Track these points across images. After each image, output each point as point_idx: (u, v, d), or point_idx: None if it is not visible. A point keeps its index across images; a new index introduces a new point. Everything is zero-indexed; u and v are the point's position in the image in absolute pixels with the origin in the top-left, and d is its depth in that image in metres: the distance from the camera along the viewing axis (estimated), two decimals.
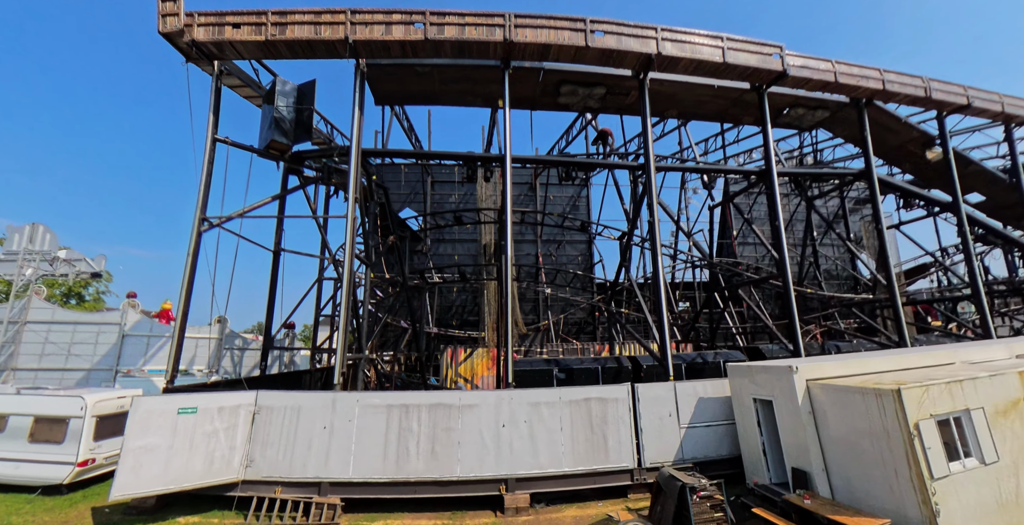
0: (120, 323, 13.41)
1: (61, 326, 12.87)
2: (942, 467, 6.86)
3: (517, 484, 9.75)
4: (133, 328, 13.64)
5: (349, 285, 10.24)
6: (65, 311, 13.78)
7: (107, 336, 13.19)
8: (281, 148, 11.64)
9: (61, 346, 12.56)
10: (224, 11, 10.54)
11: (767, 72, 12.27)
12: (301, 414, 9.75)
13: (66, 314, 13.32)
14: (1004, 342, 11.53)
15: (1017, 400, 7.91)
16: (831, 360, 9.60)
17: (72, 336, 12.90)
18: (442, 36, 10.88)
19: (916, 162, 15.95)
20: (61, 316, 13.18)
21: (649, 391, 10.68)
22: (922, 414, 7.23)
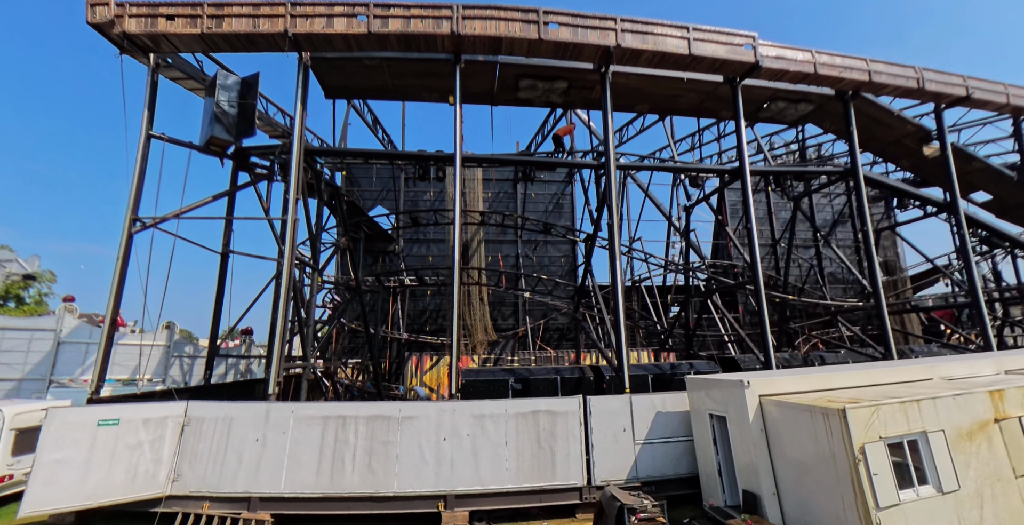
0: (56, 329, 13.75)
1: None
2: (890, 495, 6.84)
3: (457, 501, 9.97)
4: (70, 335, 13.99)
5: (287, 290, 10.52)
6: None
7: (41, 343, 13.53)
8: (222, 144, 11.96)
9: None
10: (158, 2, 10.90)
11: (738, 64, 12.42)
12: (233, 426, 10.02)
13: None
14: (994, 356, 11.58)
15: (986, 422, 7.86)
16: (791, 374, 9.70)
17: (1, 344, 13.26)
18: (386, 29, 11.13)
19: (914, 158, 15.99)
20: None
21: (602, 404, 10.83)
22: (870, 436, 7.27)
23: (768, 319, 12.06)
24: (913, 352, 15.62)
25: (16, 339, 13.25)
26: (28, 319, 14.17)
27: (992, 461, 7.68)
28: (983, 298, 13.70)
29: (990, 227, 16.39)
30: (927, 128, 15.33)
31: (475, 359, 18.17)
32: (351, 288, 15.05)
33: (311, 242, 12.89)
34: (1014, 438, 7.99)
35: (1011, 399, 8.43)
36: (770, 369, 11.69)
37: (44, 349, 13.42)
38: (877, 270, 13.16)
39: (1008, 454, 7.82)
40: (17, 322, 13.57)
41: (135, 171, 10.82)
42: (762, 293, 11.95)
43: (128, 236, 10.63)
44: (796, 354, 15.01)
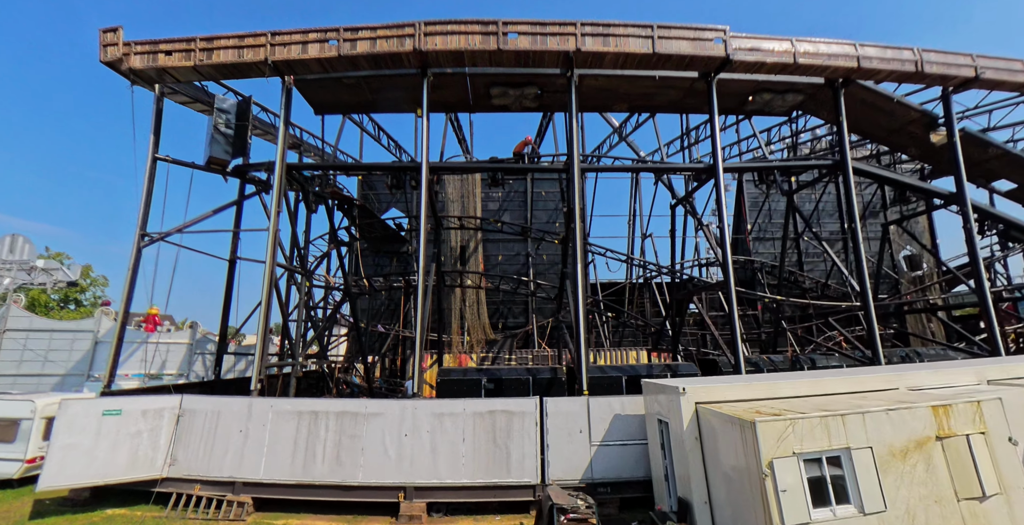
0: (94, 330, 15.42)
1: (38, 334, 15.10)
2: (799, 514, 6.53)
3: (416, 492, 10.42)
4: (106, 335, 15.66)
5: (268, 295, 11.26)
6: (42, 319, 16.12)
7: (82, 343, 15.25)
8: (221, 162, 12.88)
9: (38, 353, 14.74)
10: (158, 40, 11.91)
11: (707, 59, 11.94)
12: (221, 418, 10.92)
13: (43, 322, 15.60)
14: (976, 364, 10.54)
15: (924, 440, 7.27)
16: (735, 381, 9.34)
17: (49, 343, 15.06)
18: (355, 51, 11.62)
19: (922, 147, 14.60)
20: (39, 324, 15.45)
21: (559, 406, 10.89)
22: (782, 451, 6.96)
23: (737, 321, 11.47)
24: (920, 356, 14.33)
25: (61, 339, 15.01)
26: (72, 322, 16.04)
27: (930, 482, 7.11)
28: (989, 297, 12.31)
29: (1007, 220, 14.61)
30: (932, 114, 13.92)
31: (474, 357, 18.55)
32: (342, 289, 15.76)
33: (297, 248, 13.59)
34: (958, 458, 7.33)
35: (959, 415, 7.73)
36: (739, 373, 11.18)
37: (84, 348, 15.11)
38: (865, 270, 12.17)
39: (950, 475, 7.20)
40: (63, 324, 15.37)
41: (143, 191, 11.95)
42: (732, 293, 11.45)
43: (137, 250, 11.78)
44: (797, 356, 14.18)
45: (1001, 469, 7.49)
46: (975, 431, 7.64)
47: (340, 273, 17.25)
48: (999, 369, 10.26)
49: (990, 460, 7.48)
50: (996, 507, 7.27)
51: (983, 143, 14.38)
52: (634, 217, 25.66)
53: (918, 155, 15.52)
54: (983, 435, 7.58)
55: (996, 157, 14.62)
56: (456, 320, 18.85)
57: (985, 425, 7.77)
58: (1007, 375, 10.10)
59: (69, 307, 22.55)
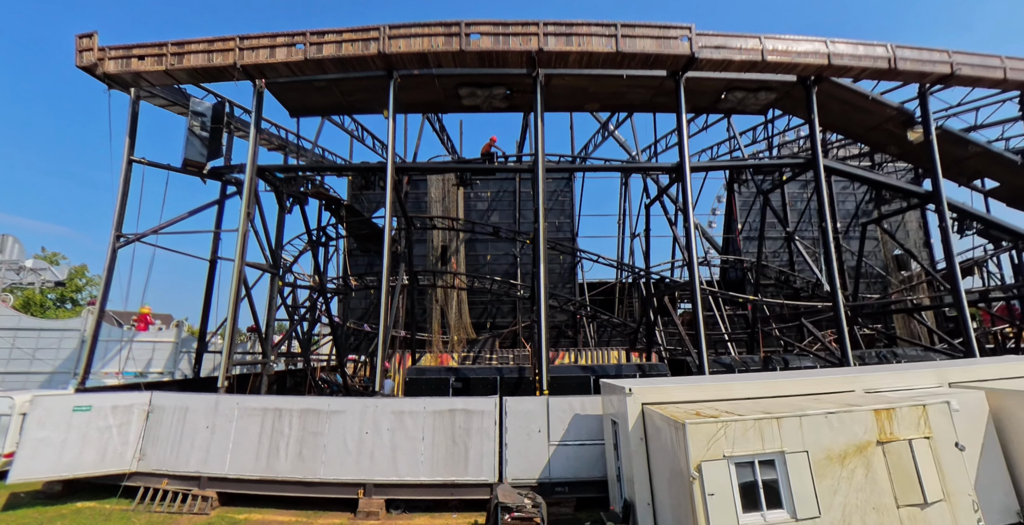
0: (81, 329, 15.64)
1: (26, 332, 15.36)
2: (727, 518, 6.37)
3: (375, 489, 10.40)
4: None
5: (236, 295, 11.31)
6: (30, 318, 16.41)
7: (69, 341, 15.49)
8: (197, 165, 12.92)
9: (26, 351, 15.00)
10: (132, 44, 12.00)
11: (672, 57, 11.70)
12: (188, 414, 11.00)
13: (31, 321, 15.88)
14: (940, 366, 10.18)
15: (864, 445, 7.01)
16: (687, 382, 9.14)
17: (37, 342, 15.32)
18: (321, 55, 11.59)
19: (901, 145, 14.16)
20: (26, 323, 15.73)
21: (519, 405, 10.78)
22: (712, 454, 6.77)
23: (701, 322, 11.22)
24: (897, 357, 13.89)
25: (49, 338, 15.26)
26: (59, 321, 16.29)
27: (869, 487, 6.85)
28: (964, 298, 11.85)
29: (986, 218, 14.05)
30: (909, 111, 13.46)
31: (455, 357, 18.46)
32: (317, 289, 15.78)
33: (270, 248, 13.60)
34: (900, 463, 7.06)
35: (902, 419, 7.44)
36: (702, 374, 10.93)
37: (72, 346, 15.32)
38: (835, 268, 11.82)
39: (891, 480, 6.92)
40: (50, 323, 15.62)
41: (118, 192, 12.03)
42: (697, 293, 11.19)
43: (112, 251, 11.89)
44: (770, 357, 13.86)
45: (946, 475, 7.19)
46: (919, 436, 7.33)
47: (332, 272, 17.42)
48: (962, 371, 9.91)
49: (935, 466, 7.17)
50: (938, 514, 6.97)
51: (962, 141, 13.87)
52: (624, 217, 25.33)
53: (898, 153, 15.05)
54: (928, 440, 7.28)
55: (976, 155, 14.10)
56: (437, 320, 18.78)
57: (931, 430, 7.47)
58: (970, 377, 9.74)
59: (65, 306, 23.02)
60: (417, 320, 22.70)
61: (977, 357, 12.58)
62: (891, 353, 14.40)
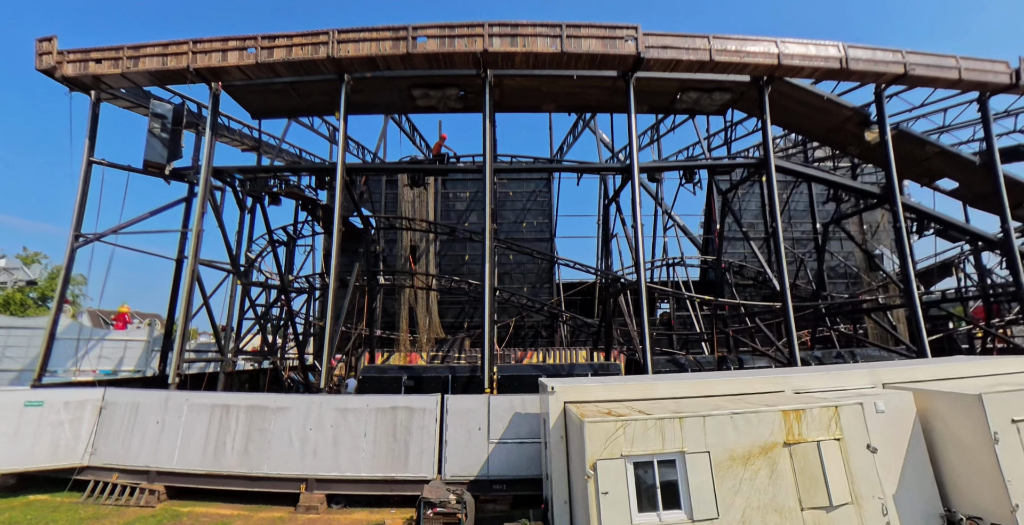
0: None
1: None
2: (621, 517, 6.26)
3: (317, 484, 10.42)
4: (64, 332, 16.00)
5: (189, 293, 11.33)
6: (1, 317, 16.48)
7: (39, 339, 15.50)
8: (158, 166, 12.97)
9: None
10: (90, 48, 12.11)
11: (618, 57, 11.60)
12: (139, 410, 11.07)
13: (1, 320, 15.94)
14: (872, 367, 9.91)
15: (770, 446, 6.83)
16: (612, 381, 8.98)
17: (6, 340, 15.44)
18: (272, 58, 11.61)
19: (861, 145, 13.86)
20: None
21: (460, 403, 10.74)
22: (609, 452, 6.65)
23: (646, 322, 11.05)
24: (855, 356, 13.61)
25: (19, 336, 15.39)
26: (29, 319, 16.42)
27: (772, 489, 6.67)
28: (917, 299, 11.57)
29: (943, 219, 13.71)
30: (865, 112, 13.19)
31: (424, 356, 18.39)
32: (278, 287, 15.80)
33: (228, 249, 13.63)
34: (807, 465, 6.87)
35: (812, 421, 7.25)
36: (645, 373, 10.78)
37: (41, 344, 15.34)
38: (784, 269, 11.58)
39: (796, 482, 6.73)
40: (20, 321, 15.75)
41: (78, 193, 12.10)
42: (643, 293, 11.02)
43: (71, 250, 11.97)
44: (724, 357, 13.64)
45: (855, 478, 6.99)
46: (829, 437, 7.14)
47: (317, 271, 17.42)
48: (897, 372, 9.65)
49: (844, 468, 6.95)
50: (845, 518, 6.78)
51: (920, 141, 13.58)
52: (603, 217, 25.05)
53: (859, 154, 14.79)
54: (838, 441, 7.07)
55: (935, 155, 13.78)
56: (405, 319, 18.76)
57: (842, 431, 7.27)
58: (904, 378, 9.48)
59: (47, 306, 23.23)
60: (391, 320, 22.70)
61: (928, 358, 12.30)
62: (850, 353, 14.13)
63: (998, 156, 13.11)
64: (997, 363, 10.26)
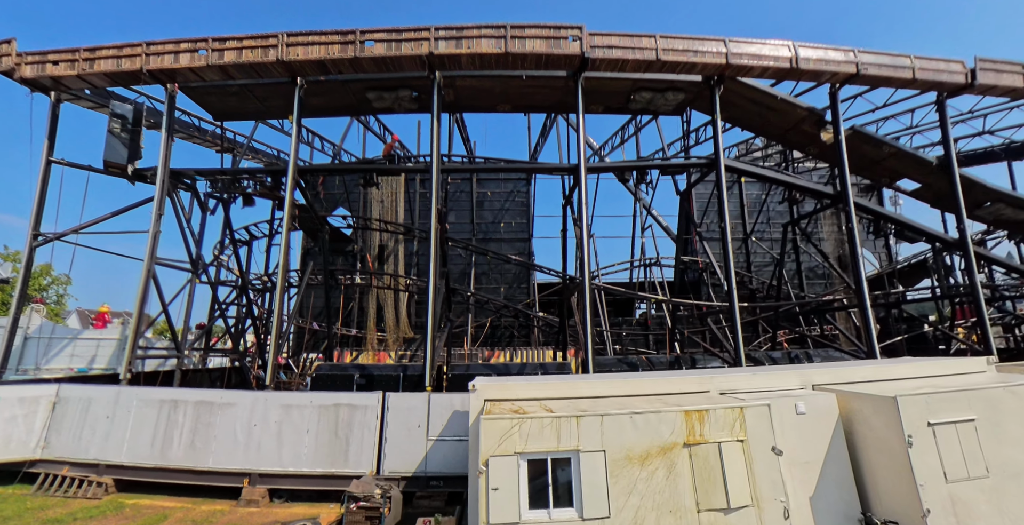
0: (24, 327, 15.94)
1: None
2: (508, 513, 6.28)
3: (260, 479, 10.52)
4: (35, 331, 16.21)
5: (144, 291, 11.43)
6: None
7: None
8: (118, 166, 13.06)
9: None
10: (47, 50, 12.26)
11: (563, 57, 11.58)
12: (92, 404, 11.21)
13: None
14: (803, 368, 9.81)
15: (670, 446, 6.80)
16: (536, 380, 8.93)
17: None
18: (223, 61, 11.69)
19: (820, 145, 13.64)
20: None
21: (401, 401, 10.78)
22: (503, 449, 6.66)
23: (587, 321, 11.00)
24: (810, 357, 13.45)
25: None
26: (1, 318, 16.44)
27: (668, 490, 6.63)
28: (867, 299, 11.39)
29: (899, 220, 13.49)
30: (819, 112, 12.99)
31: (392, 355, 18.45)
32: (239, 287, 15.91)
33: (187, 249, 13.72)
34: (706, 466, 6.81)
35: (715, 421, 7.16)
36: (587, 372, 10.73)
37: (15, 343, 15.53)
38: (731, 269, 11.46)
39: (694, 483, 6.67)
40: None
41: (36, 192, 12.20)
42: (587, 294, 10.96)
43: (30, 249, 12.09)
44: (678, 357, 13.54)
45: (758, 480, 6.91)
46: (732, 439, 7.06)
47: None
48: (828, 373, 9.54)
49: (746, 470, 6.86)
50: (743, 520, 6.72)
51: (876, 141, 13.35)
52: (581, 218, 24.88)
53: (818, 154, 14.61)
54: (742, 443, 6.98)
55: (892, 156, 13.55)
56: (372, 318, 18.80)
57: (746, 433, 7.15)
58: (834, 379, 9.36)
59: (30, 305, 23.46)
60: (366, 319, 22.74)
61: (877, 358, 12.14)
62: (805, 354, 13.97)
63: (955, 157, 12.87)
64: (939, 365, 10.11)
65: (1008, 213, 13.79)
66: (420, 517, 8.43)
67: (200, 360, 18.39)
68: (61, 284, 24.56)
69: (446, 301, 15.68)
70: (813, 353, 14.06)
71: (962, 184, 13.25)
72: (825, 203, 13.67)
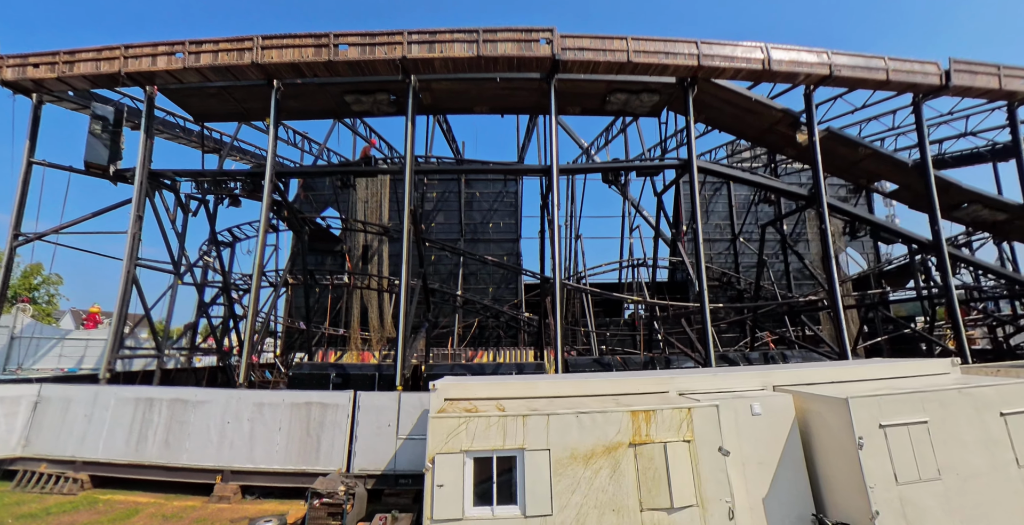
0: (11, 326, 16.19)
1: None
2: (451, 510, 6.46)
3: (232, 475, 10.71)
4: (23, 331, 16.45)
5: (125, 292, 11.63)
6: None
7: None
8: (99, 167, 13.25)
9: None
10: (28, 54, 12.47)
11: (535, 60, 11.75)
12: (71, 404, 11.47)
13: None
14: (765, 369, 9.88)
15: (615, 445, 6.90)
16: (494, 380, 9.08)
17: None
18: (199, 63, 11.86)
19: (796, 146, 13.70)
20: None
21: (371, 400, 10.96)
22: (449, 447, 6.81)
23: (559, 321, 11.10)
24: (785, 357, 13.53)
25: None
26: None
27: (612, 489, 6.75)
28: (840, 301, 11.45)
29: (874, 222, 13.55)
30: (794, 113, 13.03)
31: (376, 355, 18.63)
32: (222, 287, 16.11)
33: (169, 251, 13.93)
34: (651, 466, 6.94)
35: (663, 422, 7.30)
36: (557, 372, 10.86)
37: (1, 343, 15.80)
38: (703, 268, 11.62)
39: (638, 483, 6.77)
40: None
41: (17, 192, 12.42)
42: (557, 293, 11.09)
43: (10, 249, 12.30)
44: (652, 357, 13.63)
45: (703, 480, 7.03)
46: (679, 439, 7.15)
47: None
48: (789, 375, 9.59)
49: (691, 470, 6.97)
50: (687, 520, 6.83)
51: (851, 143, 13.39)
52: (569, 218, 25.05)
53: (795, 155, 14.67)
54: (688, 443, 7.08)
55: (868, 157, 13.56)
56: (356, 318, 19.00)
57: (693, 433, 7.26)
58: (796, 380, 9.42)
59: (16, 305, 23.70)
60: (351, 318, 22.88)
61: (848, 360, 12.20)
62: (781, 355, 14.03)
63: (930, 158, 12.89)
64: (904, 366, 10.16)
65: (985, 214, 13.80)
66: (379, 513, 8.60)
67: (187, 360, 18.66)
68: (52, 284, 24.88)
69: (424, 301, 15.82)
70: (791, 354, 14.13)
71: (938, 185, 13.29)
72: (800, 204, 13.73)
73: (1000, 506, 7.03)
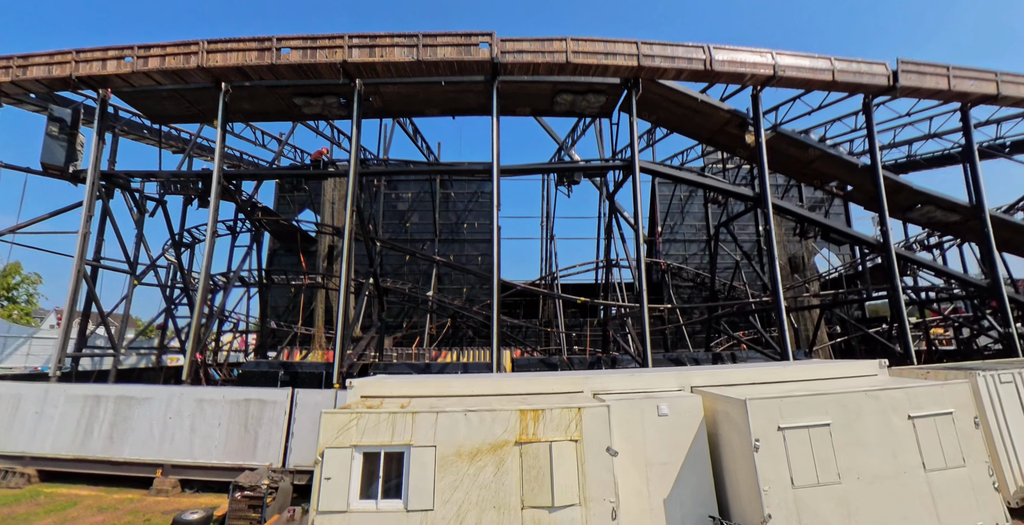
0: None
1: None
2: (339, 503, 6.67)
3: (172, 470, 11.10)
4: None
5: (74, 291, 12.05)
6: None
7: None
8: (57, 168, 13.69)
9: None
10: None
11: (475, 63, 12.02)
12: (21, 401, 11.95)
13: None
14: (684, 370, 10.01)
15: (500, 444, 7.07)
16: (409, 379, 9.30)
17: None
18: (147, 67, 12.25)
19: (747, 147, 13.72)
20: None
21: (309, 397, 11.30)
22: (339, 442, 7.07)
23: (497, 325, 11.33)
24: (735, 358, 13.64)
25: None
26: None
27: (495, 486, 6.95)
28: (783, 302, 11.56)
29: (821, 223, 13.58)
30: (742, 114, 13.08)
31: None
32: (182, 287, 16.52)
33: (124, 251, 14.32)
34: (535, 464, 7.12)
35: (551, 421, 7.49)
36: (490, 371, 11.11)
37: None
38: (643, 269, 11.77)
39: (521, 481, 6.98)
40: None
41: None
42: (496, 292, 11.33)
43: None
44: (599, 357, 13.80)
45: (588, 480, 7.21)
46: (565, 438, 7.32)
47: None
48: (708, 375, 9.70)
49: (577, 469, 7.16)
50: (567, 519, 7.01)
51: (800, 144, 13.42)
52: (546, 219, 25.22)
53: (747, 156, 14.71)
54: (576, 443, 7.26)
55: (819, 158, 13.58)
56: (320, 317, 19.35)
57: (581, 433, 7.43)
58: (714, 381, 9.53)
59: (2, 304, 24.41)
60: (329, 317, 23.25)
61: (789, 361, 12.28)
62: (730, 355, 14.13)
63: (880, 158, 12.90)
64: (831, 368, 10.23)
65: (939, 215, 13.78)
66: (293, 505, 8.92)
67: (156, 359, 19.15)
68: (32, 283, 25.57)
69: (378, 301, 16.11)
70: (743, 355, 14.23)
71: (891, 187, 13.31)
72: (749, 205, 13.79)
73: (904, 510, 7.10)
